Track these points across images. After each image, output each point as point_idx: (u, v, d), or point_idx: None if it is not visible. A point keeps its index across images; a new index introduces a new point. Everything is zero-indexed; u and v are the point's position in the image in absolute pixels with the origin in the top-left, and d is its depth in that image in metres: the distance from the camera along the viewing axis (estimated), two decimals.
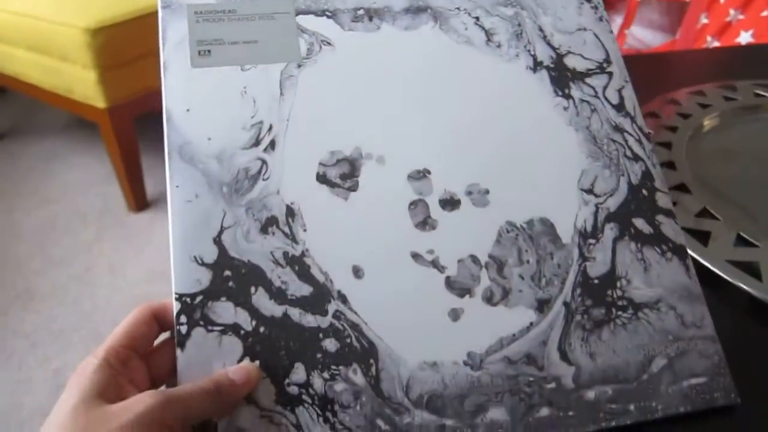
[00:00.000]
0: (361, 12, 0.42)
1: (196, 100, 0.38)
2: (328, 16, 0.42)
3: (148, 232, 1.27)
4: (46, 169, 1.51)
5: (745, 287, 0.43)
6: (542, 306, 0.37)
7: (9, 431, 0.94)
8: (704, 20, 1.45)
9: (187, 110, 0.38)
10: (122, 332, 0.32)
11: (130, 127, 1.25)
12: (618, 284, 0.38)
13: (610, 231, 0.39)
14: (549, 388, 0.35)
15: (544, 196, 0.40)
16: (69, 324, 1.04)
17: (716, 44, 1.45)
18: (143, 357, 0.33)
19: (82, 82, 1.17)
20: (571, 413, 0.35)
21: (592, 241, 0.39)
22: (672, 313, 0.38)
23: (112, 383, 0.30)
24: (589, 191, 0.40)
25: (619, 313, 0.38)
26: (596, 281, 0.38)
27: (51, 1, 1.19)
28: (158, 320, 0.35)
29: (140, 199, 1.32)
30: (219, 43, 0.40)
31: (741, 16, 1.43)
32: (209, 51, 0.40)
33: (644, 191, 0.41)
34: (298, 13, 0.41)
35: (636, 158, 0.42)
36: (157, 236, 1.25)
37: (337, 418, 0.33)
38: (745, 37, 1.42)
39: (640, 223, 0.40)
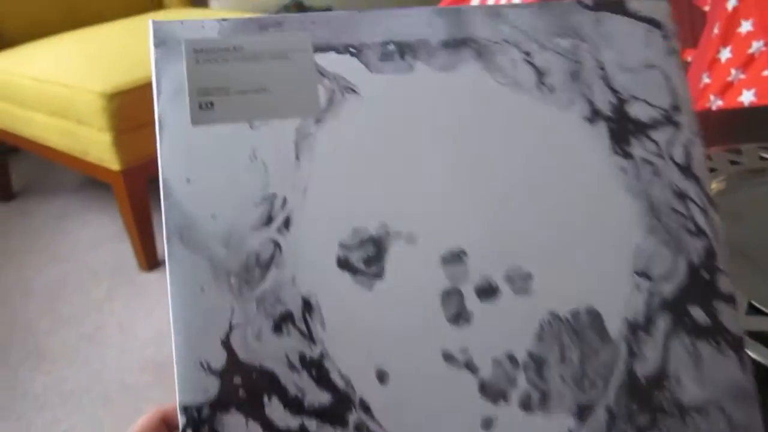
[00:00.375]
0: (391, 47, 0.36)
1: (198, 168, 0.33)
2: (353, 53, 0.35)
3: (159, 291, 1.27)
4: (58, 227, 1.50)
5: (761, 360, 0.40)
6: (583, 412, 0.34)
7: None
8: (706, 80, 1.42)
9: (188, 180, 0.33)
10: None
11: (143, 188, 1.25)
12: (667, 384, 0.35)
13: (662, 322, 0.35)
14: None
15: (592, 281, 0.35)
16: (79, 385, 1.04)
17: (719, 103, 1.43)
18: None
19: (97, 145, 1.18)
20: None
21: (642, 334, 0.35)
22: (721, 417, 0.35)
23: None
24: (643, 274, 0.36)
25: (666, 419, 0.34)
26: (643, 381, 0.35)
27: (69, 66, 1.20)
28: (168, 425, 0.32)
29: (151, 258, 1.32)
30: (223, 93, 0.34)
31: (742, 76, 1.42)
32: (212, 103, 0.33)
33: (705, 273, 0.36)
34: (316, 50, 0.35)
35: (699, 233, 0.36)
36: (166, 296, 1.22)
37: None
38: (747, 96, 1.42)
39: (696, 312, 0.36)
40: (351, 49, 0.35)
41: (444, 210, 0.34)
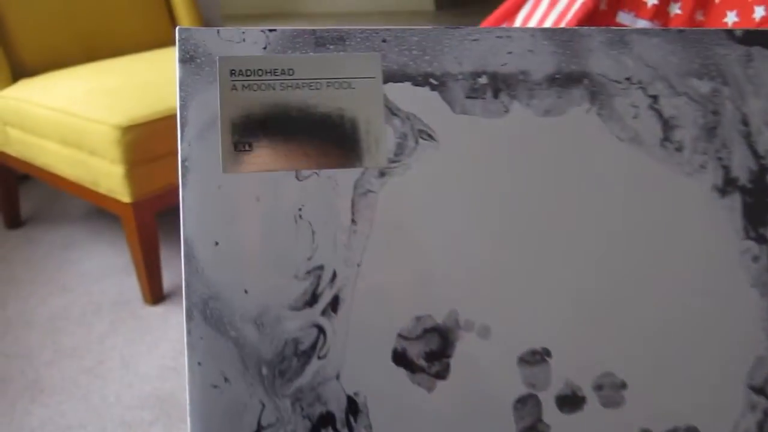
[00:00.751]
0: (482, 80, 0.27)
1: (228, 228, 0.26)
2: (434, 86, 0.27)
3: (163, 325, 1.22)
4: (64, 257, 1.46)
5: None
6: None
7: None
8: None
9: (216, 243, 0.26)
10: None
11: (151, 221, 1.24)
12: None
13: None
14: None
15: (697, 396, 0.29)
16: (77, 420, 0.99)
17: None
18: None
19: (108, 177, 1.18)
20: None
21: None
22: None
23: None
24: (761, 390, 0.29)
25: None
26: None
27: (85, 98, 1.22)
28: None
29: (157, 292, 1.28)
30: (263, 132, 0.26)
31: None
32: (250, 144, 0.26)
33: None
34: (387, 78, 0.27)
35: None
36: (172, 330, 1.21)
37: None
38: None
39: None
40: (432, 81, 0.27)
41: (528, 300, 0.28)
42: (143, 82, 1.31)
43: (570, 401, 0.28)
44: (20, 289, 1.34)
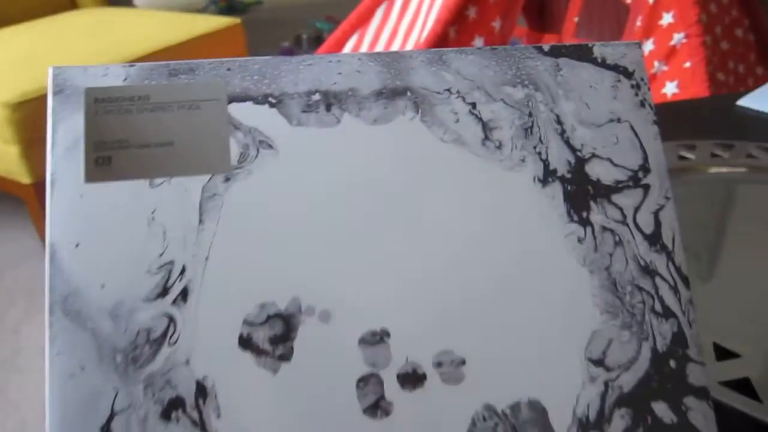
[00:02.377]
0: (316, 97, 0.32)
1: (89, 231, 0.29)
2: (272, 104, 0.32)
3: None
4: None
5: (744, 409, 0.36)
6: None
7: None
8: None
9: (77, 246, 0.29)
10: None
11: None
12: None
13: (620, 419, 0.30)
14: None
15: (537, 370, 0.30)
16: None
17: None
18: None
19: (4, 157, 1.10)
20: None
21: None
22: None
23: None
24: (599, 362, 0.31)
25: None
26: None
27: None
28: None
29: None
30: (123, 146, 0.30)
31: (665, 68, 1.43)
32: (110, 158, 0.30)
33: (672, 362, 0.31)
34: (231, 100, 0.31)
35: (667, 314, 0.31)
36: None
37: None
38: (670, 88, 1.42)
39: (660, 408, 0.31)
40: (270, 99, 0.32)
41: (367, 285, 0.30)
42: (33, 54, 1.17)
43: (411, 378, 0.30)
44: None
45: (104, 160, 0.30)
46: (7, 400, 0.98)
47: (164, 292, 0.29)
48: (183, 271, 0.30)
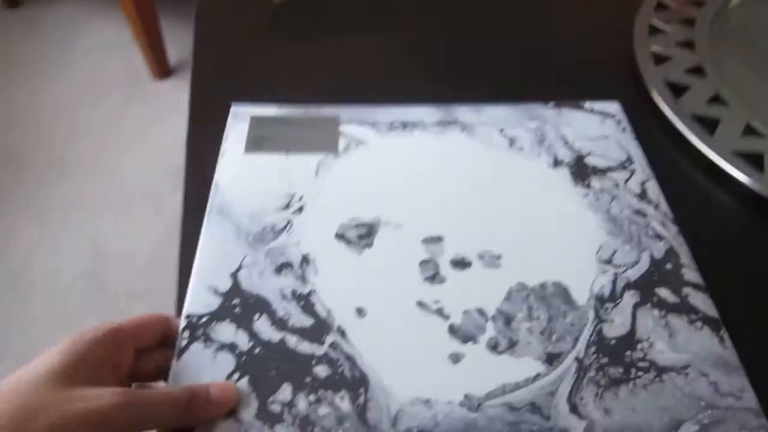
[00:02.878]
0: (396, 124, 0.49)
1: (243, 175, 0.44)
2: (368, 126, 0.48)
3: (172, 99, 1.21)
4: (67, 36, 1.44)
5: (745, 180, 0.43)
6: (552, 359, 0.35)
7: (51, 296, 0.94)
8: None
9: (233, 182, 0.44)
10: (134, 321, 0.34)
11: None
12: (639, 346, 0.35)
13: (630, 297, 0.38)
14: None
15: (559, 264, 0.39)
16: (101, 192, 1.00)
17: None
18: (138, 351, 0.34)
19: None
20: None
21: (609, 304, 0.37)
22: (704, 380, 0.34)
23: (98, 362, 0.31)
24: (608, 262, 0.40)
25: (640, 373, 0.34)
26: (613, 341, 0.36)
27: None
28: (166, 333, 0.36)
29: (163, 67, 1.27)
30: (271, 139, 0.47)
31: None
32: (261, 143, 0.47)
33: (669, 265, 0.39)
34: (341, 124, 0.49)
35: (659, 237, 0.41)
36: (181, 104, 1.16)
37: None
38: None
39: (664, 292, 0.38)
40: (366, 124, 0.49)
41: (428, 211, 0.42)
42: None
43: (459, 263, 0.39)
44: (26, 69, 1.13)
45: (257, 144, 0.47)
46: (111, 180, 0.91)
47: (287, 206, 0.42)
48: (301, 198, 0.43)
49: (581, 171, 0.45)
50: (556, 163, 0.46)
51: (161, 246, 1.09)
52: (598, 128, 0.48)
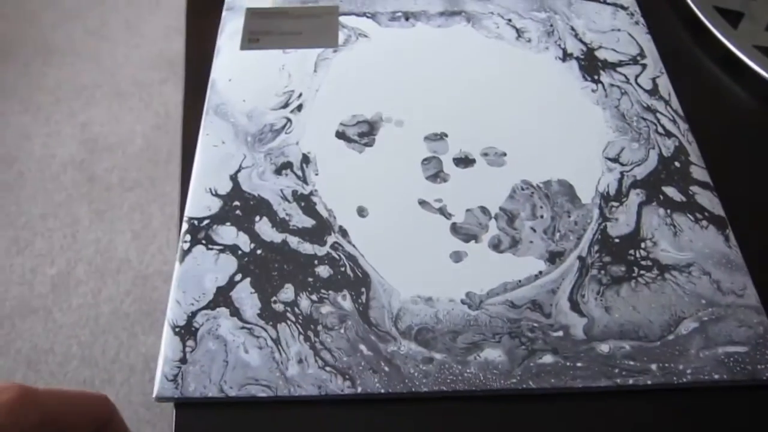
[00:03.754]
0: (398, 14, 0.46)
1: (239, 73, 0.43)
2: (368, 16, 0.46)
3: None
4: None
5: (765, 74, 0.42)
6: (554, 258, 0.35)
7: (44, 179, 0.94)
8: None
9: (230, 80, 0.42)
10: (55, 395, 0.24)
11: None
12: (642, 245, 0.35)
13: (635, 196, 0.37)
14: (555, 335, 0.32)
15: (565, 162, 0.38)
16: (91, 80, 0.99)
17: None
18: None
19: None
20: (579, 364, 0.31)
21: (614, 203, 0.37)
22: (706, 279, 0.34)
23: None
24: (615, 160, 0.39)
25: (642, 272, 0.34)
26: (617, 240, 0.35)
27: None
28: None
29: None
30: (267, 34, 0.45)
31: None
32: (258, 39, 0.45)
33: (677, 163, 0.38)
34: (341, 14, 0.46)
35: (668, 135, 0.40)
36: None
37: (318, 338, 0.32)
38: None
39: (670, 191, 0.37)
40: (367, 14, 0.46)
41: (431, 107, 0.41)
42: None
43: (463, 161, 0.38)
44: None
45: (253, 40, 0.44)
46: (101, 66, 0.91)
47: (285, 105, 0.41)
48: (300, 95, 0.42)
49: (591, 65, 0.43)
50: (565, 56, 0.44)
51: (152, 137, 1.06)
52: (610, 20, 0.46)
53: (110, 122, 1.10)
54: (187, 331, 0.32)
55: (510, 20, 0.46)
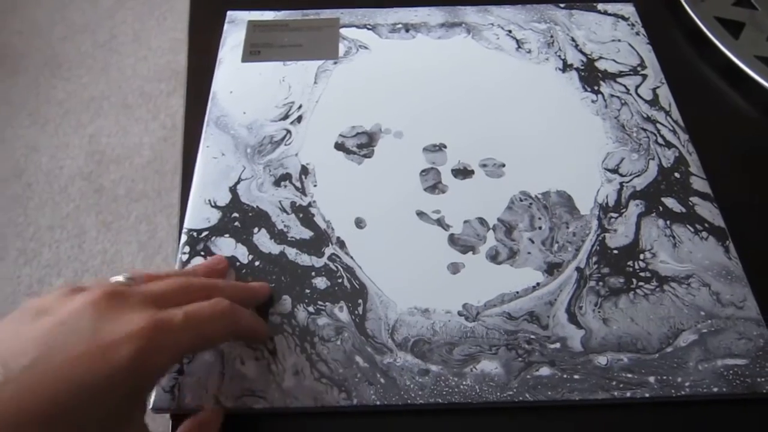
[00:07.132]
0: (399, 26, 0.46)
1: (240, 85, 0.43)
2: (369, 29, 0.46)
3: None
4: None
5: (765, 84, 0.42)
6: (552, 269, 0.35)
7: (52, 191, 0.95)
8: None
9: (231, 92, 0.43)
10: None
11: None
12: (641, 256, 0.35)
13: (635, 207, 0.37)
14: (552, 347, 0.32)
15: (564, 173, 0.38)
16: (98, 92, 1.00)
17: None
18: None
19: None
20: (576, 377, 0.31)
21: (613, 214, 0.37)
22: (705, 290, 0.34)
23: None
24: (614, 171, 0.38)
25: (641, 284, 0.34)
26: (615, 251, 0.35)
27: None
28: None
29: None
30: (268, 46, 0.45)
31: None
32: (259, 51, 0.45)
33: (677, 174, 0.38)
34: (341, 26, 0.46)
35: (668, 145, 0.40)
36: (179, 3, 1.18)
37: (315, 350, 0.32)
38: None
39: (670, 202, 0.37)
40: (367, 26, 0.46)
41: (430, 119, 0.41)
42: None
43: (462, 172, 0.38)
44: None
45: (254, 52, 0.45)
46: (109, 78, 0.92)
47: (285, 117, 0.41)
48: (300, 107, 0.42)
49: (591, 76, 0.43)
50: (565, 66, 0.44)
51: (159, 148, 1.07)
52: (611, 31, 0.46)
53: (117, 134, 1.11)
54: None
55: (510, 31, 0.46)
